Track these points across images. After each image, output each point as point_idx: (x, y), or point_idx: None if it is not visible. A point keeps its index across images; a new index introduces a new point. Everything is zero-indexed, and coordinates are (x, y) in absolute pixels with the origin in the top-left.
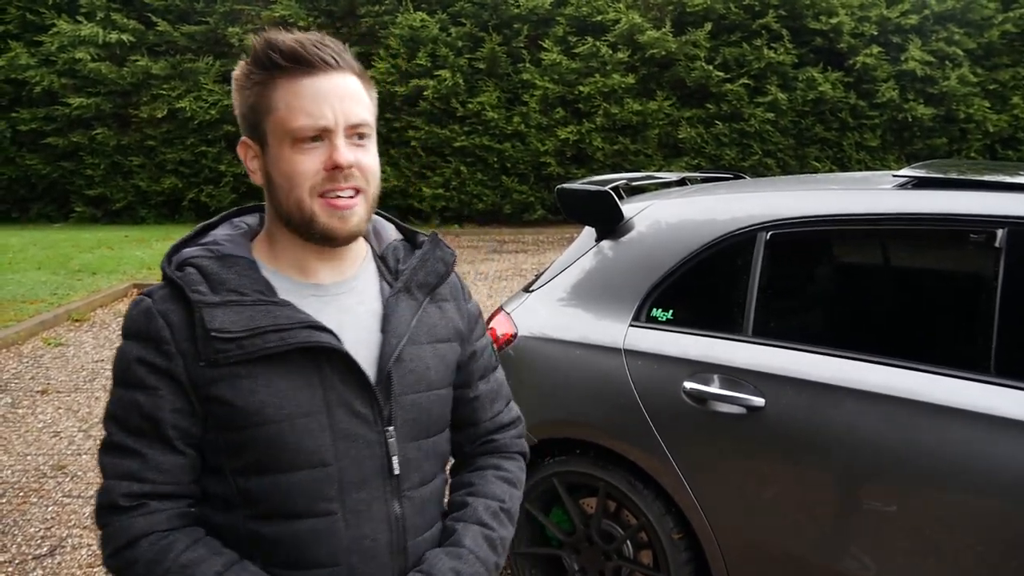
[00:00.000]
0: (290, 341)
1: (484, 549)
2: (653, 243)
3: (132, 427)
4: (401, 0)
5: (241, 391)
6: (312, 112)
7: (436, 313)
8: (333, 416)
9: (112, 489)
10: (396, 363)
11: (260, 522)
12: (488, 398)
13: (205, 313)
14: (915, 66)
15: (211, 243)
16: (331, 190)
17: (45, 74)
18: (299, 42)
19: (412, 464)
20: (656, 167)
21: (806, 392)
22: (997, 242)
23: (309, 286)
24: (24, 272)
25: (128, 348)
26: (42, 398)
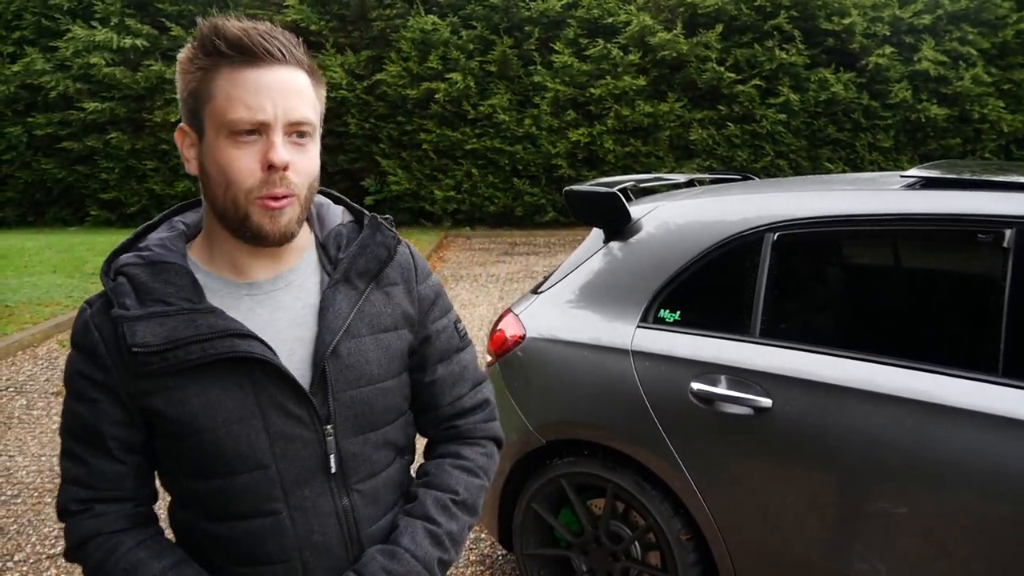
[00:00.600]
0: (211, 352)
1: (424, 546)
2: (661, 244)
3: (77, 436)
4: (412, 3)
5: (173, 401)
6: (251, 104)
7: (381, 300)
8: (267, 419)
9: (64, 492)
10: (332, 359)
11: (212, 522)
12: (447, 382)
13: (126, 328)
14: (928, 66)
15: (144, 248)
16: (267, 194)
17: (60, 79)
18: (245, 31)
19: (359, 458)
20: (668, 169)
21: (813, 393)
22: (1005, 242)
23: (244, 285)
24: (40, 275)
25: (72, 359)
26: (57, 400)
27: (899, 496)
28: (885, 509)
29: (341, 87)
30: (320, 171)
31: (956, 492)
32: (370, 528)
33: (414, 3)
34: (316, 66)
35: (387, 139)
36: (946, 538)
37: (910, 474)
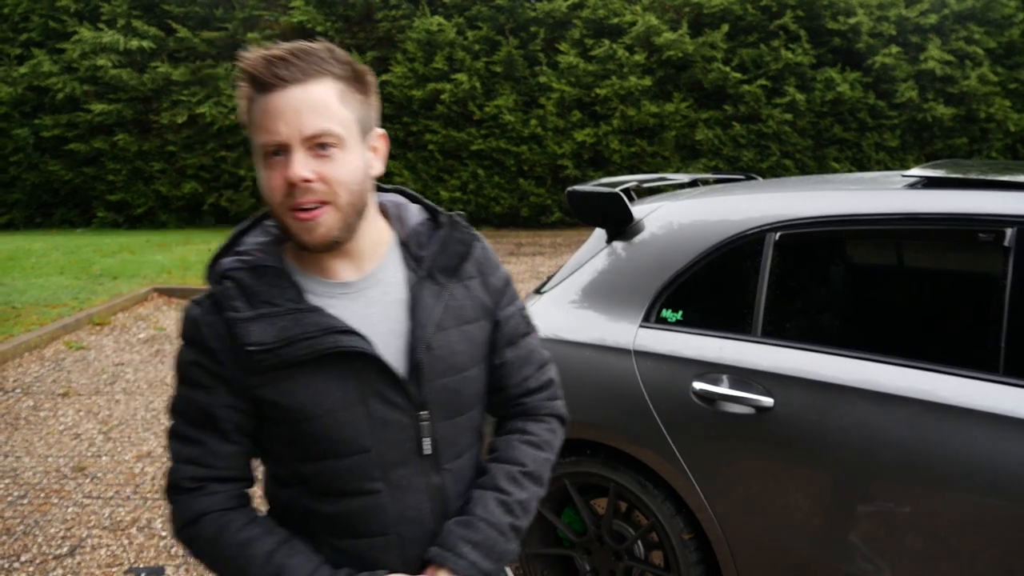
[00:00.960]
0: (318, 348)
1: (496, 514)
2: (663, 244)
3: (192, 420)
4: (418, 4)
5: (282, 392)
6: (268, 128)
7: (463, 294)
8: (369, 406)
9: (178, 472)
10: (425, 351)
11: (316, 499)
12: (515, 364)
13: (239, 329)
14: (934, 66)
15: (245, 253)
16: (294, 205)
17: (67, 81)
18: (254, 63)
19: (448, 440)
20: (673, 169)
21: (815, 392)
22: (1006, 241)
23: (337, 285)
24: (47, 277)
25: (185, 352)
26: (63, 401)
27: (901, 495)
28: (887, 508)
29: None
30: (360, 176)
31: (958, 491)
32: (459, 503)
33: (419, 4)
34: (354, 72)
35: (393, 140)
36: (949, 537)
37: (912, 473)
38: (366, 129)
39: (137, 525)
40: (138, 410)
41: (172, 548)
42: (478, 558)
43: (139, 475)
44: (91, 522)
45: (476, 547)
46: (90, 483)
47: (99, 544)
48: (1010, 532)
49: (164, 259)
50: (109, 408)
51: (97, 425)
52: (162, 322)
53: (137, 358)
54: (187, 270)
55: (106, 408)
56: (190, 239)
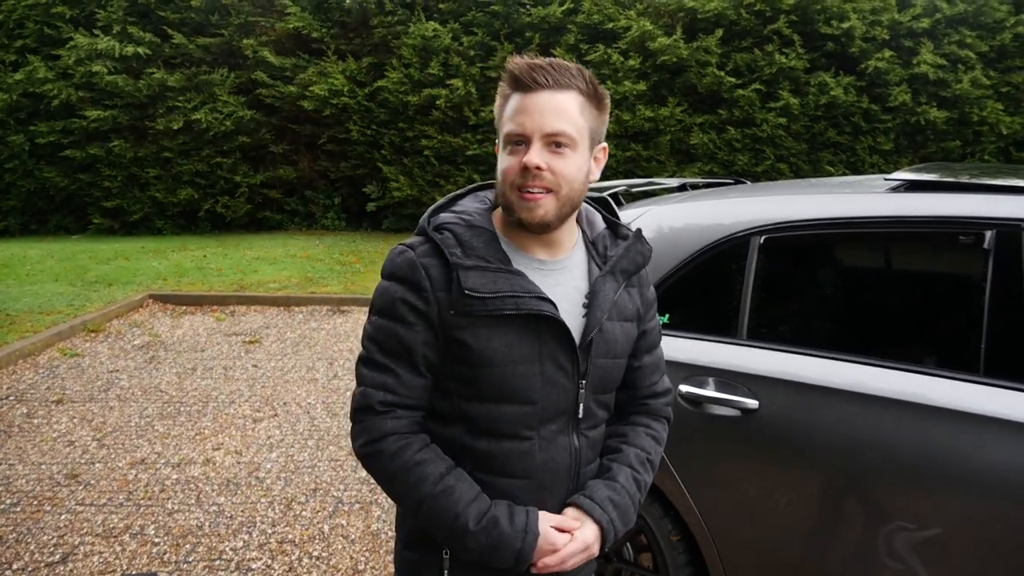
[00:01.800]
0: (523, 307)
1: (632, 487)
2: None
3: (389, 350)
4: (413, 10)
5: (480, 338)
6: (517, 121)
7: (626, 296)
8: (543, 366)
9: (371, 396)
10: (597, 333)
11: (473, 438)
12: (649, 369)
13: (461, 273)
14: (927, 69)
15: (463, 212)
16: (523, 185)
17: (63, 87)
18: (519, 66)
19: (591, 411)
20: (669, 173)
21: (799, 394)
22: (986, 244)
23: (534, 260)
24: (41, 284)
25: (393, 288)
26: (57, 408)
27: (885, 496)
28: (872, 509)
29: (343, 94)
30: (582, 177)
31: (942, 491)
32: (586, 467)
33: (415, 10)
34: (596, 92)
35: (389, 145)
36: (934, 538)
37: (896, 474)
38: (595, 140)
39: (130, 532)
40: (132, 417)
41: (165, 554)
42: (616, 518)
43: (132, 482)
44: (84, 529)
45: (616, 508)
46: (83, 490)
47: (91, 551)
48: (994, 532)
49: (159, 265)
50: (103, 415)
51: (91, 432)
52: (157, 329)
53: (131, 365)
54: (182, 276)
55: (100, 415)
56: (186, 245)
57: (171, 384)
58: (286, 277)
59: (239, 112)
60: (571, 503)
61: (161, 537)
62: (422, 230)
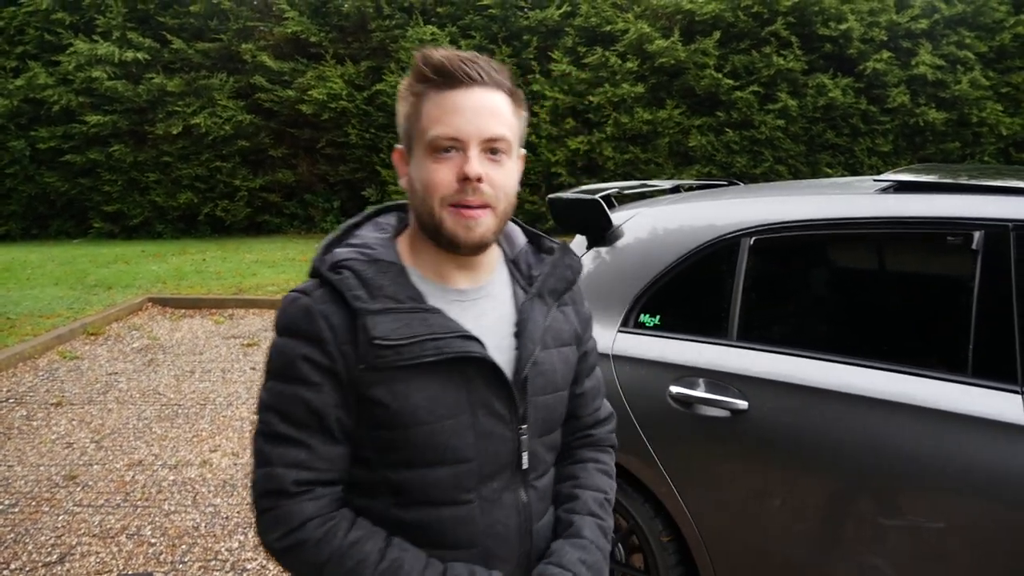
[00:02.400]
0: (445, 351)
1: (600, 538)
2: (641, 250)
3: (297, 420)
4: (411, 14)
5: (397, 395)
6: (448, 123)
7: (561, 318)
8: (476, 416)
9: (282, 476)
10: (532, 367)
11: (404, 509)
12: (591, 395)
13: (367, 320)
14: (926, 70)
15: (363, 246)
16: (460, 201)
17: (63, 93)
18: (447, 57)
19: (538, 457)
20: (667, 175)
21: (788, 395)
22: (974, 244)
23: (452, 291)
24: (42, 287)
25: (291, 345)
26: (56, 410)
27: (874, 496)
28: (861, 509)
29: (341, 98)
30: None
31: (930, 491)
32: (538, 523)
33: (413, 14)
34: (519, 92)
35: (388, 149)
36: (925, 538)
37: (884, 474)
38: (520, 144)
39: (127, 532)
40: (130, 419)
41: (161, 555)
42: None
43: (130, 483)
44: (81, 530)
45: (590, 569)
46: (81, 491)
47: (88, 551)
48: (985, 532)
49: (159, 269)
50: (101, 417)
51: (89, 434)
52: (155, 332)
53: (130, 367)
54: (181, 280)
55: (98, 417)
56: (186, 249)
57: (169, 386)
58: (285, 280)
59: (238, 116)
60: (540, 574)
61: (158, 538)
62: (315, 271)
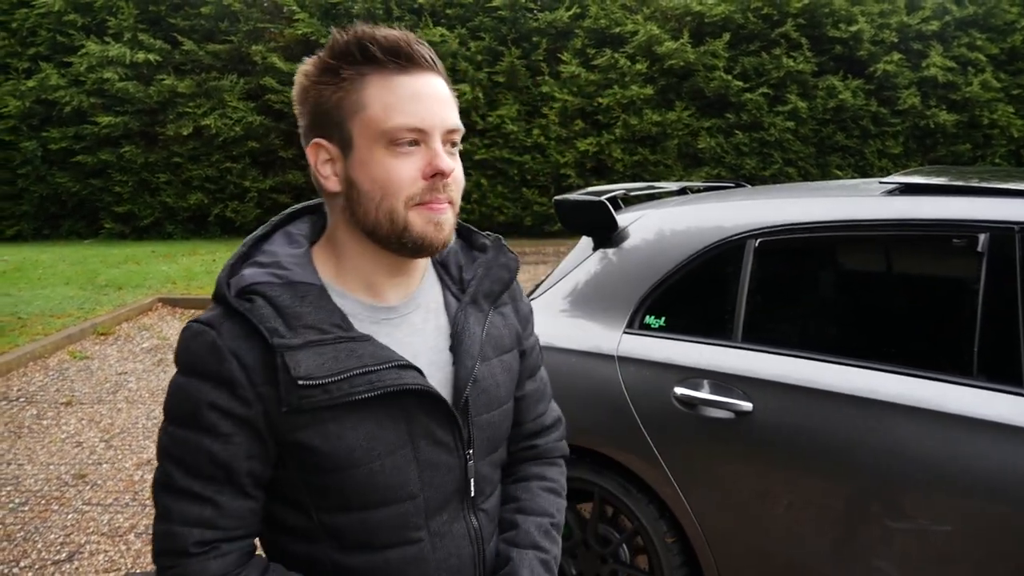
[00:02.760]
0: (378, 385)
1: (541, 573)
2: (646, 252)
3: (201, 472)
4: (421, 16)
5: (328, 436)
6: (409, 112)
7: (500, 321)
8: (417, 448)
9: (183, 536)
10: (472, 386)
11: (347, 553)
12: (533, 398)
13: (288, 358)
14: (937, 72)
15: (275, 265)
16: (429, 200)
17: (74, 94)
18: (398, 37)
19: (486, 479)
20: (676, 177)
21: (792, 396)
22: (979, 246)
23: (381, 309)
24: (52, 287)
25: (194, 388)
26: (66, 409)
27: (878, 498)
28: (865, 511)
29: None
30: None
31: (935, 493)
32: (489, 545)
33: (422, 15)
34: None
35: None
36: (929, 539)
37: (889, 476)
38: None
39: (135, 531)
40: (139, 418)
41: None
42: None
43: (138, 482)
44: (90, 528)
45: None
46: (90, 490)
47: (97, 550)
48: (989, 535)
49: (169, 270)
50: (111, 417)
51: (99, 433)
52: (165, 332)
53: (140, 367)
54: (191, 280)
55: (108, 416)
56: (196, 250)
57: None
58: None
59: (248, 117)
60: None
61: None
62: (221, 298)
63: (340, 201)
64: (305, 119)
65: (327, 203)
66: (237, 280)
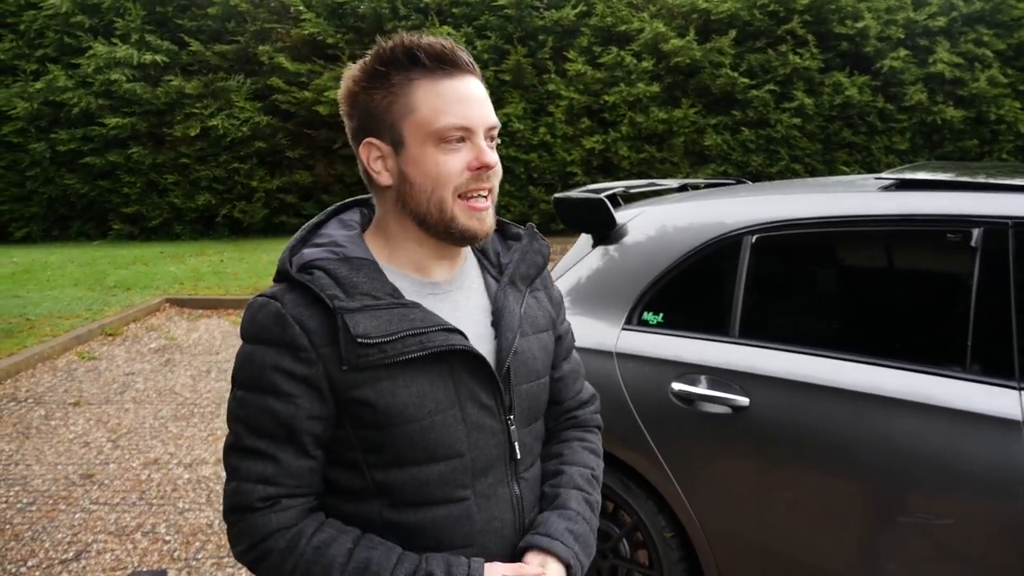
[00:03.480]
0: (428, 345)
1: (587, 510)
2: (645, 248)
3: (265, 432)
4: (427, 15)
5: (383, 393)
6: (455, 112)
7: (534, 304)
8: (465, 409)
9: (248, 492)
10: (513, 356)
11: (398, 510)
12: (571, 377)
13: (348, 319)
14: (943, 68)
15: (332, 244)
16: (474, 191)
17: (82, 95)
18: (441, 44)
19: (527, 448)
20: (683, 175)
21: (789, 391)
22: (973, 241)
23: (427, 284)
24: (61, 289)
25: (260, 353)
26: (74, 410)
27: (876, 492)
28: (862, 505)
29: None
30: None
31: (929, 486)
32: (531, 514)
33: (429, 14)
34: None
35: None
36: (927, 534)
37: (887, 470)
38: None
39: (142, 530)
40: (146, 418)
41: (175, 552)
42: (579, 551)
43: (145, 482)
44: (97, 527)
45: (578, 540)
46: (97, 490)
47: (104, 549)
48: (989, 527)
49: (177, 270)
50: (118, 417)
51: (106, 433)
52: (173, 332)
53: (147, 368)
54: (199, 281)
55: (115, 417)
56: (204, 250)
57: (186, 386)
58: None
59: (255, 118)
60: (528, 545)
61: (172, 535)
62: (283, 274)
63: (392, 194)
64: (355, 121)
65: (377, 196)
66: (298, 258)
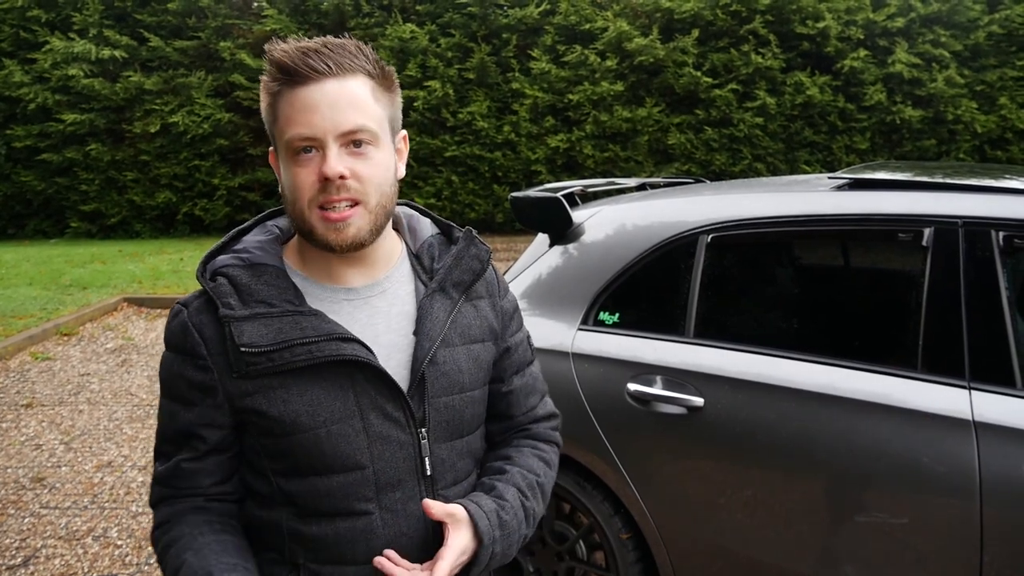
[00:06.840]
0: (317, 355)
1: (519, 511)
2: (600, 248)
3: (168, 435)
4: (391, 12)
5: (275, 401)
6: (300, 122)
7: (471, 312)
8: (367, 420)
9: (155, 492)
10: (429, 366)
11: (301, 520)
12: (522, 392)
13: (233, 328)
14: (902, 69)
15: (242, 251)
16: (326, 202)
17: (39, 91)
18: (287, 52)
19: (446, 464)
20: (647, 174)
21: (742, 391)
22: (924, 241)
23: (341, 290)
24: (15, 288)
25: (169, 360)
26: (26, 412)
27: (829, 492)
28: (816, 505)
29: None
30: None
31: (885, 487)
32: None
33: (392, 12)
34: (387, 70)
35: None
36: (879, 533)
37: (840, 470)
38: (395, 129)
39: (93, 535)
40: (101, 420)
41: (126, 557)
42: (499, 539)
43: (98, 485)
44: (47, 532)
45: (502, 529)
46: (48, 493)
47: (53, 554)
48: (941, 527)
49: (136, 269)
50: (72, 418)
51: (59, 435)
52: (130, 332)
53: (103, 368)
54: (158, 280)
55: (69, 418)
56: (164, 249)
57: (142, 387)
58: None
59: (217, 115)
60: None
61: (124, 539)
62: (198, 280)
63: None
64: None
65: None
66: (212, 265)
